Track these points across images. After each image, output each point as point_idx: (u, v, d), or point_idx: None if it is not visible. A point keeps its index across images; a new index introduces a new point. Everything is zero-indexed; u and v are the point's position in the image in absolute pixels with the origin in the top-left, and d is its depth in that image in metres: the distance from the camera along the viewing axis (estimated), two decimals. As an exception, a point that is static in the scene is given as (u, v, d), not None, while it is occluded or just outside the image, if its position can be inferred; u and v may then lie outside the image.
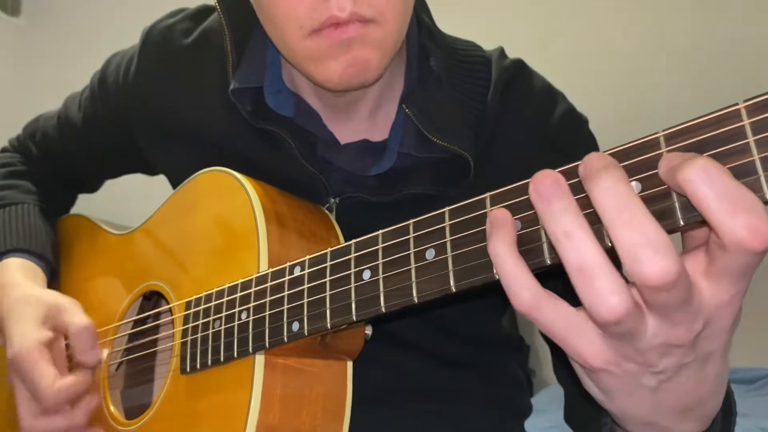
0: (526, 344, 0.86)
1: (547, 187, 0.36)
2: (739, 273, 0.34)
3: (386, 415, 0.70)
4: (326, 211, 0.69)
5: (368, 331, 0.62)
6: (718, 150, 0.34)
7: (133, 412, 0.71)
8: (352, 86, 0.62)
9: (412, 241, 0.47)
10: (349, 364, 0.63)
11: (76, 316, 0.71)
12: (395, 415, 0.71)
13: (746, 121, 0.33)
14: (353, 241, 0.52)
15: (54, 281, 0.84)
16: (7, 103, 2.47)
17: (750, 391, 1.92)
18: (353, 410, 0.62)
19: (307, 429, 0.59)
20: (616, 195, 0.34)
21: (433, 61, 0.69)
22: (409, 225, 0.48)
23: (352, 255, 0.51)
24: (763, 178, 0.32)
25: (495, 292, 0.74)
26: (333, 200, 0.70)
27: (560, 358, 0.73)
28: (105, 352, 0.74)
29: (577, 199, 0.38)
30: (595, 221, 0.37)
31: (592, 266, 0.34)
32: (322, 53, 0.61)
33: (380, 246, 0.49)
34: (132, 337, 0.75)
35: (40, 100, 1.22)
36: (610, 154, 0.38)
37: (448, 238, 0.45)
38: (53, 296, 0.74)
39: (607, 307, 0.34)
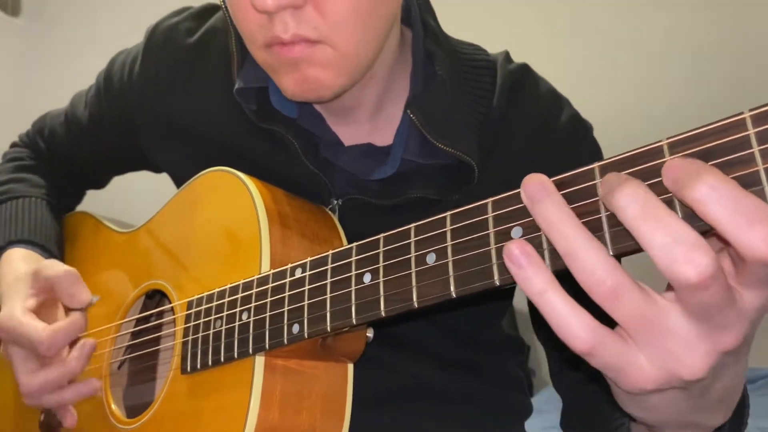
0: (526, 345, 0.86)
1: (532, 187, 0.38)
2: (766, 279, 0.33)
3: (387, 416, 0.70)
4: (329, 212, 0.69)
5: (370, 334, 0.62)
6: (722, 159, 0.33)
7: (134, 410, 0.71)
8: (308, 100, 0.64)
9: (413, 245, 0.47)
10: (350, 367, 0.63)
11: (55, 267, 0.71)
12: (396, 417, 0.71)
13: (751, 131, 0.33)
14: (355, 243, 0.52)
15: None
16: (7, 103, 2.47)
17: (750, 391, 1.92)
18: (354, 412, 0.62)
19: (307, 430, 0.59)
20: (637, 201, 0.34)
21: (438, 65, 0.68)
22: (410, 229, 0.48)
23: (353, 258, 0.51)
24: (767, 189, 0.32)
25: (495, 296, 0.74)
26: (335, 201, 0.70)
27: (558, 363, 0.73)
28: (97, 296, 0.74)
29: (577, 206, 0.38)
30: (597, 228, 0.37)
31: (575, 246, 0.35)
32: (275, 66, 0.62)
33: (381, 249, 0.49)
34: (134, 335, 0.75)
35: (40, 100, 1.22)
36: (612, 161, 0.37)
37: (449, 243, 0.44)
38: (36, 264, 0.75)
39: (595, 279, 0.34)
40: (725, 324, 0.34)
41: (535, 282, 0.37)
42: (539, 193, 0.37)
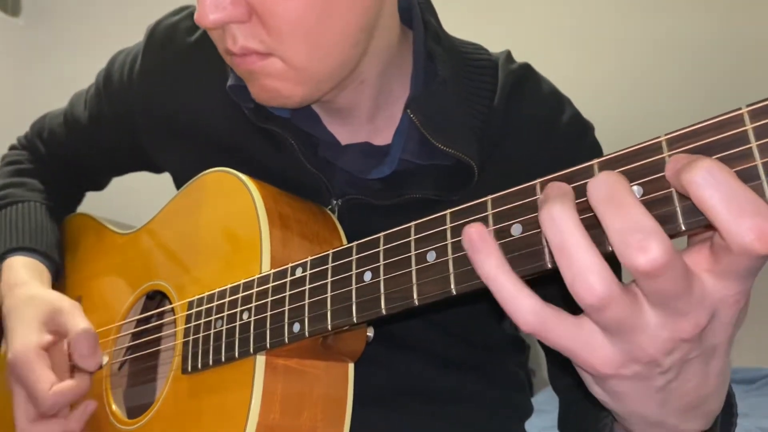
0: (527, 345, 0.86)
1: (552, 187, 0.38)
2: (745, 272, 0.34)
3: (388, 416, 0.70)
4: (329, 213, 0.69)
5: (370, 333, 0.62)
6: (721, 155, 0.34)
7: (135, 411, 0.71)
8: (275, 107, 0.65)
9: (413, 243, 0.47)
10: (351, 366, 0.63)
11: (76, 319, 0.70)
12: (396, 417, 0.71)
13: (749, 126, 0.33)
14: (355, 242, 0.52)
15: (59, 280, 0.85)
16: (7, 103, 2.47)
17: (750, 391, 1.93)
18: (355, 411, 0.62)
19: (308, 430, 0.59)
20: (605, 185, 0.34)
21: (440, 65, 0.68)
22: (410, 227, 0.48)
23: (354, 257, 0.51)
24: (765, 183, 0.32)
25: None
26: (335, 202, 0.70)
27: (556, 364, 0.73)
28: (106, 355, 0.74)
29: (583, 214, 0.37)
30: (593, 225, 0.37)
31: (571, 244, 0.35)
32: (239, 74, 0.64)
33: (381, 248, 0.49)
34: (135, 336, 0.75)
35: (39, 100, 1.22)
36: (611, 158, 0.37)
37: (449, 241, 0.44)
38: (55, 297, 0.74)
39: (586, 285, 0.34)
40: (683, 311, 0.35)
41: (486, 265, 0.38)
42: (555, 192, 0.37)
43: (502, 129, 0.70)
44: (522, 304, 0.37)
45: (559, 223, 0.35)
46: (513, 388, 0.81)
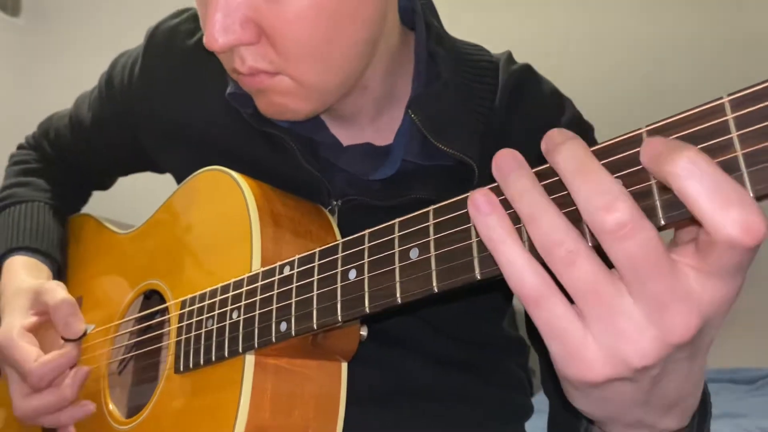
0: (527, 345, 0.85)
1: (504, 160, 0.39)
2: (733, 269, 0.32)
3: (383, 416, 0.70)
4: (325, 211, 0.69)
5: (363, 332, 0.61)
6: (702, 146, 0.32)
7: (132, 410, 0.72)
8: (283, 120, 0.66)
9: (396, 240, 0.46)
10: (344, 365, 0.62)
11: (56, 293, 0.72)
12: (393, 417, 0.70)
13: (730, 116, 0.32)
14: (341, 240, 0.52)
15: (61, 280, 0.85)
16: (6, 103, 2.48)
17: (750, 391, 1.91)
18: (349, 411, 0.61)
19: (299, 429, 0.58)
20: (573, 157, 0.35)
21: (441, 66, 0.68)
22: (394, 224, 0.47)
23: (339, 254, 0.51)
24: (746, 175, 0.31)
25: (492, 291, 0.74)
26: (335, 202, 0.69)
27: (547, 367, 0.72)
28: (91, 324, 0.75)
29: (557, 197, 0.37)
30: (576, 220, 0.36)
31: (538, 209, 0.36)
32: (246, 90, 0.64)
33: (366, 245, 0.49)
34: (132, 335, 0.76)
35: (39, 100, 1.23)
36: (592, 151, 0.36)
37: (431, 237, 0.44)
38: (39, 282, 0.76)
39: (553, 241, 0.35)
40: (664, 300, 0.33)
41: (497, 230, 0.37)
42: (510, 165, 0.38)
43: (503, 130, 0.70)
44: (531, 272, 0.35)
45: (527, 196, 0.36)
46: (513, 388, 0.80)
